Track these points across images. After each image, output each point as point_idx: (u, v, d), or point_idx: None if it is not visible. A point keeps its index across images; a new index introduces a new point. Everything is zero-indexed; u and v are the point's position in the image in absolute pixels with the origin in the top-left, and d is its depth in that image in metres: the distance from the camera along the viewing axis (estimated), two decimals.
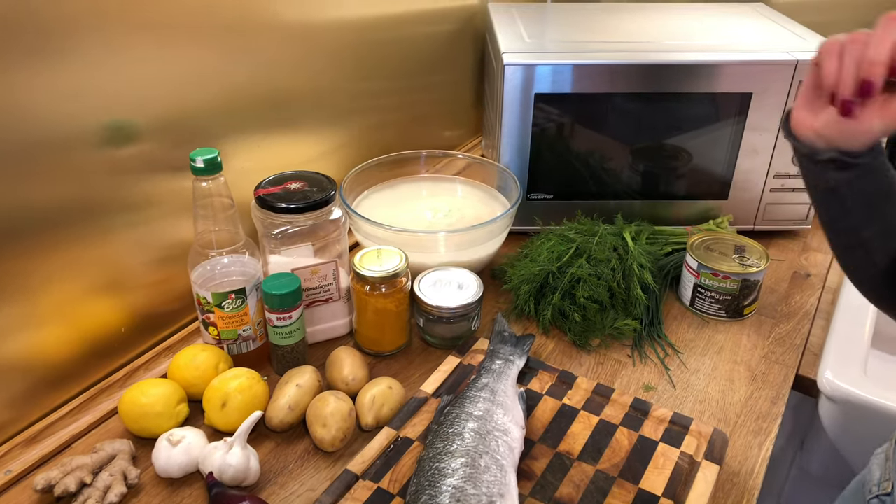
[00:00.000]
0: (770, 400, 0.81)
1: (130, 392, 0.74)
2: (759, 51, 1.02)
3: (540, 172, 1.06)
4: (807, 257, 1.09)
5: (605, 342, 0.90)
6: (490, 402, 0.71)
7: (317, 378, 0.79)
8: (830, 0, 1.30)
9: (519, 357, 0.81)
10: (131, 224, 0.81)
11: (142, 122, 0.78)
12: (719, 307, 0.94)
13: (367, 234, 0.95)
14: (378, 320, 0.84)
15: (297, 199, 0.81)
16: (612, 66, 0.99)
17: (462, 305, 0.85)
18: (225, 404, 0.73)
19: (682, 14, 1.23)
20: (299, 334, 0.82)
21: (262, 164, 0.95)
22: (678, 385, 0.84)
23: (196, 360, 0.78)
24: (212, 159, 0.74)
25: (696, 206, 1.11)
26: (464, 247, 0.94)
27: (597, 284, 0.89)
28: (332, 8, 1.00)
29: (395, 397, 0.77)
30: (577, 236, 0.96)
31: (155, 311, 0.87)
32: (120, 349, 0.84)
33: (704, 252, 0.95)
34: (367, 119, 1.15)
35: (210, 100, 0.85)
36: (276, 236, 0.82)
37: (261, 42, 0.90)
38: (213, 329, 0.81)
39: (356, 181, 1.04)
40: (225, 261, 0.79)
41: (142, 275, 0.84)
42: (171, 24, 0.78)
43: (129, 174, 0.79)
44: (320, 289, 0.86)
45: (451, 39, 1.29)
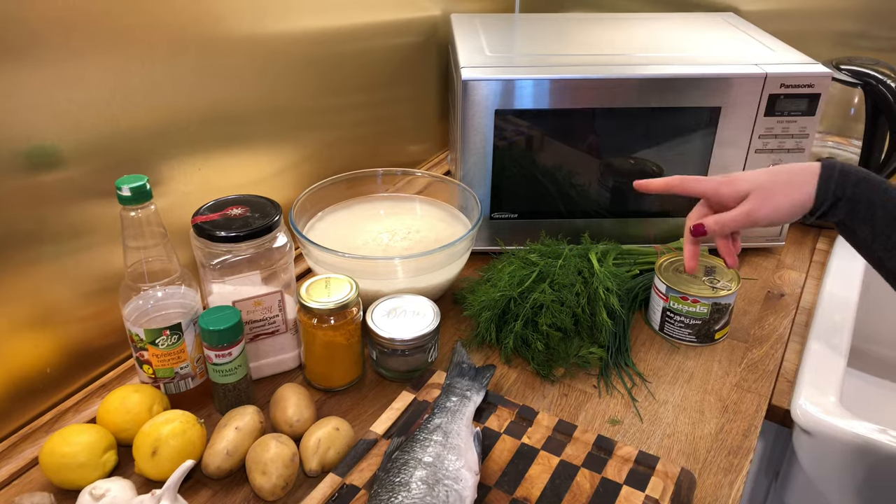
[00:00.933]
0: (742, 433, 0.77)
1: (52, 440, 0.68)
2: (728, 63, 0.98)
3: (504, 191, 1.02)
4: (780, 275, 1.05)
5: (569, 371, 0.85)
6: (442, 445, 0.66)
7: (259, 419, 0.73)
8: (800, 9, 1.27)
9: (476, 392, 0.76)
10: (58, 255, 0.75)
11: (65, 147, 0.73)
12: (689, 332, 0.89)
13: (318, 261, 0.89)
14: (327, 354, 0.79)
15: (237, 227, 0.75)
16: (577, 81, 0.95)
17: (417, 337, 0.80)
18: (156, 451, 0.68)
19: (651, 24, 1.20)
20: (241, 371, 0.76)
21: (206, 187, 0.90)
22: (646, 418, 0.79)
23: (127, 402, 0.73)
24: (139, 187, 0.68)
25: (666, 223, 1.07)
26: (422, 272, 0.89)
27: (560, 311, 0.85)
28: (285, 20, 0.95)
29: (343, 439, 0.72)
30: (540, 259, 0.91)
31: (87, 347, 0.81)
32: (47, 390, 0.78)
33: (673, 274, 0.91)
34: (325, 135, 1.10)
35: (144, 120, 0.80)
36: (216, 266, 0.76)
37: (205, 56, 0.85)
38: (147, 367, 0.76)
39: (309, 202, 0.99)
40: (159, 294, 0.74)
41: (71, 309, 0.78)
42: (98, 38, 0.73)
43: (54, 202, 0.73)
44: (265, 321, 0.80)
45: (414, 51, 1.24)
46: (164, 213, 0.83)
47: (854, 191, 0.68)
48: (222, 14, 0.85)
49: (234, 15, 0.87)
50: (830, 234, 1.15)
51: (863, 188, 0.67)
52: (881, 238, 0.67)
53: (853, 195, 0.68)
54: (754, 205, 0.70)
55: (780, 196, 0.69)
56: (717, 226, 0.72)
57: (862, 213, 0.68)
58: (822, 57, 1.03)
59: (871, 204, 0.67)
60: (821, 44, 1.26)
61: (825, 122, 1.23)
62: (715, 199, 0.74)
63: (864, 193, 0.67)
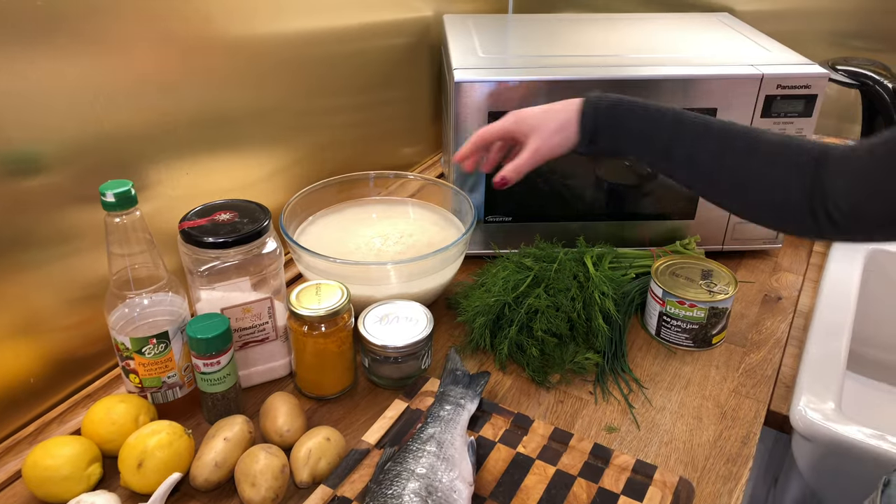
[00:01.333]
0: (740, 440, 0.76)
1: (35, 453, 0.67)
2: (724, 64, 0.97)
3: (498, 193, 1.00)
4: (777, 278, 1.04)
5: (565, 378, 0.84)
6: (435, 456, 0.65)
7: (248, 429, 0.72)
8: (795, 9, 1.27)
9: (471, 400, 0.74)
10: (40, 262, 0.73)
11: (47, 151, 0.71)
12: (686, 336, 0.88)
13: (308, 266, 0.88)
14: (318, 362, 0.78)
15: (225, 233, 0.74)
16: (571, 82, 0.93)
17: (410, 344, 0.78)
18: (142, 464, 0.66)
19: (645, 25, 1.18)
20: (230, 380, 0.75)
21: (194, 191, 0.88)
22: (643, 425, 0.78)
23: (112, 413, 0.71)
24: (124, 193, 0.66)
25: (662, 226, 1.05)
26: (415, 277, 0.88)
27: (555, 316, 0.84)
28: (275, 20, 0.93)
29: (334, 449, 0.70)
30: (535, 263, 0.90)
31: (72, 356, 0.79)
32: (30, 400, 0.76)
33: (670, 278, 0.89)
34: (316, 138, 1.08)
35: (129, 122, 0.78)
36: (204, 273, 0.75)
37: (193, 56, 0.83)
38: (134, 377, 0.74)
39: (300, 206, 0.97)
40: (145, 302, 0.72)
41: (55, 317, 0.76)
42: (81, 38, 0.71)
43: (35, 207, 0.72)
44: (255, 328, 0.79)
45: (407, 52, 1.22)
46: (151, 218, 0.81)
47: (613, 117, 0.72)
48: (211, 14, 0.84)
49: (224, 15, 0.85)
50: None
51: (618, 111, 0.72)
52: (645, 153, 0.72)
53: (613, 121, 0.72)
54: (537, 143, 0.76)
55: (556, 134, 0.75)
56: (514, 173, 0.78)
57: (621, 136, 0.73)
58: (817, 57, 1.02)
59: (625, 125, 0.72)
60: (816, 44, 1.25)
61: (821, 124, 1.22)
62: (509, 138, 0.80)
63: (621, 116, 0.72)
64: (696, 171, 0.70)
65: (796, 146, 0.66)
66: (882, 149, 0.59)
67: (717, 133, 0.69)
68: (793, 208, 0.64)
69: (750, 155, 0.67)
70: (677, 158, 0.71)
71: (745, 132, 0.69)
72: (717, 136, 0.69)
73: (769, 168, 0.66)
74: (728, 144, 0.68)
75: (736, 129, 0.69)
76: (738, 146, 0.68)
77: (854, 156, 0.62)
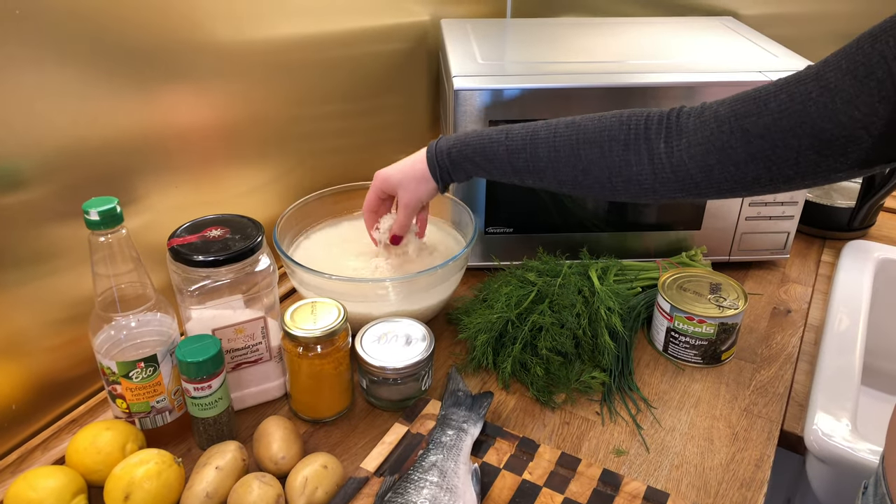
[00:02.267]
0: (754, 463, 0.73)
1: (17, 485, 0.63)
2: (730, 70, 0.95)
3: (498, 204, 0.98)
4: (786, 290, 1.02)
5: (571, 397, 0.81)
6: (438, 486, 0.62)
7: (241, 456, 0.68)
8: (800, 13, 1.24)
9: (474, 424, 0.71)
10: (22, 281, 0.70)
11: (28, 165, 0.68)
12: (695, 353, 0.85)
13: (303, 282, 0.85)
14: (314, 384, 0.74)
15: (216, 250, 0.70)
16: (573, 90, 0.90)
17: (410, 365, 0.75)
18: (129, 496, 0.63)
19: (648, 29, 1.16)
20: (222, 404, 0.71)
21: (183, 204, 0.85)
22: (652, 447, 0.75)
23: (98, 441, 0.67)
24: (109, 211, 0.63)
25: (667, 236, 1.03)
26: (415, 293, 0.85)
27: (560, 333, 0.81)
28: (267, 25, 0.90)
29: (332, 477, 0.67)
30: (538, 278, 0.87)
31: (55, 380, 0.76)
32: (11, 427, 0.73)
33: (677, 292, 0.87)
34: (311, 146, 1.05)
35: (114, 135, 0.75)
36: (194, 293, 0.71)
37: (180, 65, 0.80)
38: (121, 402, 0.71)
39: (294, 219, 0.94)
40: (132, 324, 0.69)
41: (38, 338, 0.73)
42: (63, 48, 0.67)
43: (16, 224, 0.68)
44: (247, 349, 0.76)
45: (404, 58, 1.19)
46: (138, 233, 0.78)
47: (453, 159, 0.78)
48: (199, 21, 0.80)
49: (213, 21, 0.82)
50: (835, 246, 1.12)
51: (455, 152, 0.78)
52: (496, 174, 0.77)
53: (455, 162, 0.78)
54: (406, 198, 0.83)
55: (420, 185, 0.82)
56: (399, 230, 0.86)
57: (470, 169, 0.78)
58: None
59: (470, 159, 0.77)
60: (821, 48, 1.21)
61: None
62: (385, 196, 0.87)
63: (460, 155, 0.77)
64: (541, 175, 0.74)
65: (619, 124, 0.68)
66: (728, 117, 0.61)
67: (543, 136, 0.72)
68: (635, 181, 0.68)
69: (579, 145, 0.70)
70: (521, 170, 0.74)
71: (567, 125, 0.71)
72: (545, 138, 0.72)
73: (601, 151, 0.69)
74: (556, 143, 0.71)
75: (559, 125, 0.72)
76: (564, 142, 0.71)
77: (702, 126, 0.63)
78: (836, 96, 0.54)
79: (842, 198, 1.16)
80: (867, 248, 1.08)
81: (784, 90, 0.58)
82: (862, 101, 0.53)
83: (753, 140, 0.60)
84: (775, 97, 0.58)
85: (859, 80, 0.53)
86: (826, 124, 0.55)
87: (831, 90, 0.54)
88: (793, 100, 0.57)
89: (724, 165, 0.62)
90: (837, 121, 0.54)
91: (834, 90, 0.54)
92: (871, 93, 0.52)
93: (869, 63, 0.52)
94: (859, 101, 0.53)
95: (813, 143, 0.56)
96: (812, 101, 0.56)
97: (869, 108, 0.53)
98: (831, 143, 0.56)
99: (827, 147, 0.56)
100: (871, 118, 0.53)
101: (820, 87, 0.55)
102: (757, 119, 0.59)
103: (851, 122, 0.54)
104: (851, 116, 0.54)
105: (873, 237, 1.14)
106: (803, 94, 0.56)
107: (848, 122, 0.54)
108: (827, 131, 0.55)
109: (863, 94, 0.53)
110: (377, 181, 0.86)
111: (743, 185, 0.63)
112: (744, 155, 0.60)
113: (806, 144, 0.57)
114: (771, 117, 0.58)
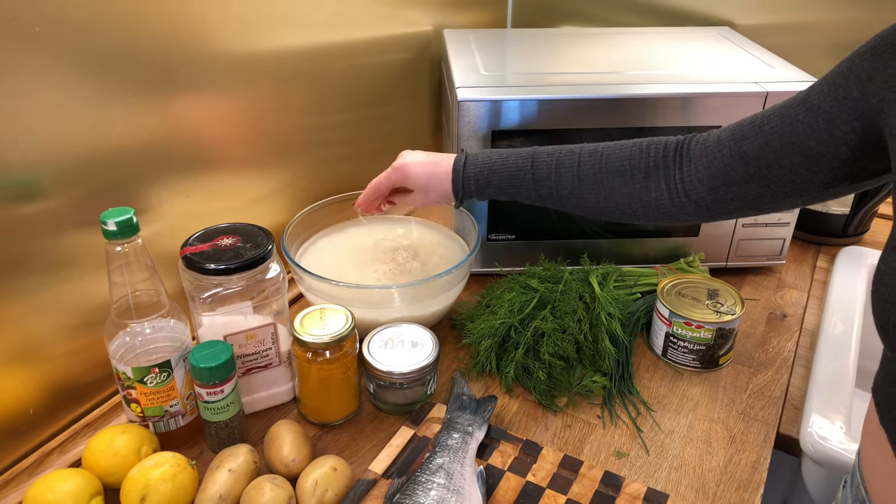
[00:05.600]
0: (751, 465, 0.75)
1: (35, 488, 0.65)
2: (727, 81, 0.97)
3: (501, 211, 1.00)
4: (782, 295, 1.04)
5: (572, 401, 0.83)
6: (445, 488, 0.64)
7: (252, 459, 0.70)
8: (795, 23, 1.26)
9: (479, 427, 0.73)
10: (39, 288, 0.72)
11: (47, 176, 0.70)
12: (693, 357, 0.87)
13: (310, 288, 0.87)
14: (323, 388, 0.76)
15: (228, 259, 0.72)
16: (574, 101, 0.93)
17: (417, 370, 0.77)
18: (145, 498, 0.65)
19: (646, 40, 1.18)
20: (234, 408, 0.73)
21: (195, 212, 0.87)
22: (652, 449, 0.77)
23: (114, 444, 0.69)
24: (126, 221, 0.65)
25: (665, 243, 1.05)
26: (420, 300, 0.87)
27: (562, 339, 0.83)
28: (273, 37, 0.92)
29: (341, 479, 0.69)
30: (540, 284, 0.89)
31: (72, 384, 0.78)
32: (29, 431, 0.74)
33: (676, 298, 0.89)
34: (317, 155, 1.07)
35: (128, 146, 0.77)
36: (206, 300, 0.73)
37: (191, 77, 0.82)
38: (135, 406, 0.73)
39: (301, 226, 0.96)
40: (147, 330, 0.71)
41: (55, 344, 0.75)
42: (79, 63, 0.69)
43: (35, 233, 0.70)
44: (257, 354, 0.78)
45: (406, 68, 1.22)
46: (152, 241, 0.80)
47: (480, 185, 0.80)
48: (208, 33, 0.82)
49: (220, 34, 0.84)
50: (830, 252, 1.14)
51: (483, 180, 0.80)
52: (521, 198, 0.80)
53: (481, 187, 0.81)
54: (421, 198, 0.85)
55: (435, 192, 0.83)
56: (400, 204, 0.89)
57: (493, 193, 0.81)
58: (818, 71, 1.01)
59: (495, 186, 0.80)
60: (817, 58, 1.25)
61: None
62: (398, 185, 0.87)
63: (487, 182, 0.80)
64: (564, 201, 0.77)
65: (639, 152, 0.72)
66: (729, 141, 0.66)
67: (568, 164, 0.75)
68: (654, 206, 0.72)
69: (602, 174, 0.74)
70: (545, 196, 0.78)
71: (591, 154, 0.75)
72: (569, 167, 0.75)
73: (623, 179, 0.73)
74: (580, 172, 0.75)
75: (583, 153, 0.75)
76: (588, 171, 0.74)
77: (707, 151, 0.68)
78: (820, 117, 0.59)
79: (836, 205, 1.18)
80: (861, 253, 1.11)
81: (777, 114, 0.63)
82: (841, 119, 0.57)
83: (751, 161, 0.64)
84: (769, 121, 0.63)
85: (839, 101, 0.57)
86: (812, 142, 0.60)
87: (815, 111, 0.59)
88: (783, 122, 0.62)
89: (728, 186, 0.67)
90: (821, 139, 0.59)
91: (818, 111, 0.59)
92: (849, 111, 0.57)
93: (847, 84, 0.57)
94: (839, 120, 0.57)
95: (803, 161, 0.61)
96: (799, 122, 0.60)
97: (847, 126, 0.57)
98: (819, 160, 0.60)
99: (816, 164, 0.60)
100: (850, 136, 0.57)
101: (806, 110, 0.60)
102: (753, 141, 0.64)
103: (833, 139, 0.58)
104: (833, 134, 0.58)
105: (867, 243, 1.17)
106: (792, 116, 0.61)
107: (830, 140, 0.59)
108: (813, 149, 0.60)
109: (842, 113, 0.57)
110: (396, 174, 0.85)
111: (749, 204, 0.67)
112: (744, 175, 0.65)
113: (797, 162, 0.62)
114: (765, 139, 0.63)
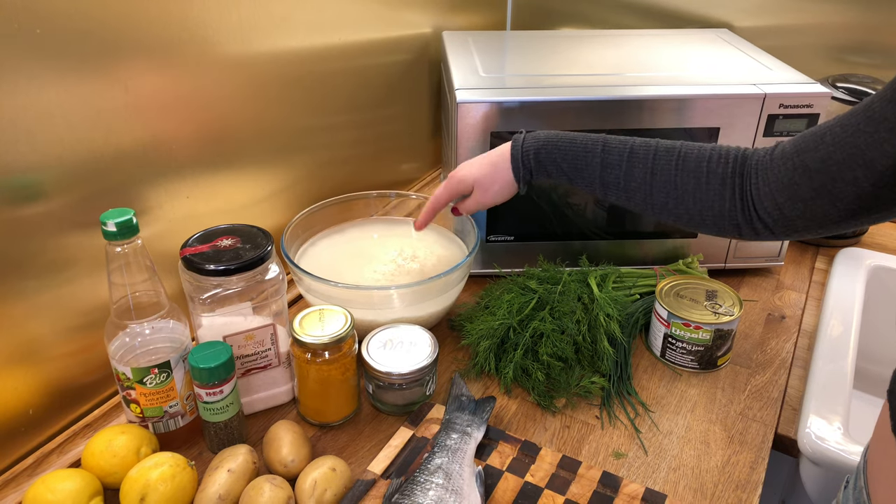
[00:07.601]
0: (749, 465, 0.75)
1: (35, 488, 0.65)
2: (725, 83, 0.97)
3: (499, 213, 1.00)
4: (780, 296, 1.04)
5: (571, 402, 0.83)
6: (444, 488, 0.64)
7: (252, 459, 0.70)
8: (794, 25, 1.27)
9: (477, 428, 0.74)
10: (39, 290, 0.72)
11: (47, 178, 0.70)
12: (692, 358, 0.88)
13: (309, 289, 0.87)
14: (322, 389, 0.77)
15: (227, 259, 0.73)
16: (573, 103, 0.93)
17: (415, 370, 0.77)
18: (144, 498, 0.65)
19: (644, 42, 1.18)
20: (233, 409, 0.73)
21: (194, 213, 0.87)
22: (650, 450, 0.77)
23: (113, 444, 0.69)
24: (125, 222, 0.65)
25: (664, 244, 1.05)
26: (419, 301, 0.87)
27: (560, 340, 0.83)
28: (273, 39, 0.92)
29: (340, 480, 0.69)
30: (539, 286, 0.89)
31: (71, 385, 0.78)
32: (29, 431, 0.75)
33: (674, 299, 0.89)
34: (316, 156, 1.07)
35: (128, 148, 0.77)
36: (206, 301, 0.73)
37: (191, 79, 0.82)
38: (135, 406, 0.73)
39: (300, 227, 0.96)
40: (147, 331, 0.71)
41: (54, 345, 0.75)
42: (80, 64, 0.70)
43: (35, 234, 0.70)
44: (257, 355, 0.78)
45: (406, 69, 1.22)
46: (152, 241, 0.80)
47: (540, 160, 0.77)
48: (209, 36, 0.83)
49: (222, 36, 0.84)
50: (829, 253, 1.14)
51: (544, 154, 0.77)
52: (581, 183, 0.76)
53: (542, 164, 0.78)
54: (480, 196, 0.84)
55: (496, 185, 0.82)
56: (465, 211, 0.88)
57: (553, 172, 0.78)
58: (816, 73, 1.02)
59: (556, 164, 0.77)
60: (815, 59, 1.25)
61: None
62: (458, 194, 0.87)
63: (548, 157, 0.77)
64: (630, 194, 0.74)
65: (717, 157, 0.68)
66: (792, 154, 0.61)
67: (642, 156, 0.72)
68: (727, 216, 0.68)
69: (678, 173, 0.70)
70: (610, 185, 0.74)
71: (668, 150, 0.71)
72: (643, 159, 0.72)
73: (697, 182, 0.69)
74: (655, 166, 0.71)
75: (660, 148, 0.72)
76: (663, 166, 0.71)
77: (772, 164, 0.64)
78: (881, 125, 0.54)
79: None
80: (859, 255, 1.11)
81: (838, 123, 0.58)
82: None
83: (814, 175, 0.59)
84: (830, 130, 0.58)
85: None
86: (874, 154, 0.54)
87: (876, 120, 0.54)
88: (844, 131, 0.57)
89: (793, 202, 0.62)
90: (883, 150, 0.54)
91: (879, 120, 0.54)
92: None
93: None
94: None
95: (867, 175, 0.56)
96: (860, 131, 0.55)
97: None
98: (883, 173, 0.55)
99: (880, 178, 0.55)
100: None
101: (867, 118, 0.55)
102: (814, 153, 0.59)
103: None
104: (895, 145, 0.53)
105: (865, 245, 1.17)
106: (853, 125, 0.56)
107: (892, 152, 0.53)
108: (876, 161, 0.54)
109: None
110: (452, 182, 0.85)
111: (816, 223, 0.62)
112: (809, 191, 0.60)
113: (861, 176, 0.56)
114: (826, 151, 0.58)
